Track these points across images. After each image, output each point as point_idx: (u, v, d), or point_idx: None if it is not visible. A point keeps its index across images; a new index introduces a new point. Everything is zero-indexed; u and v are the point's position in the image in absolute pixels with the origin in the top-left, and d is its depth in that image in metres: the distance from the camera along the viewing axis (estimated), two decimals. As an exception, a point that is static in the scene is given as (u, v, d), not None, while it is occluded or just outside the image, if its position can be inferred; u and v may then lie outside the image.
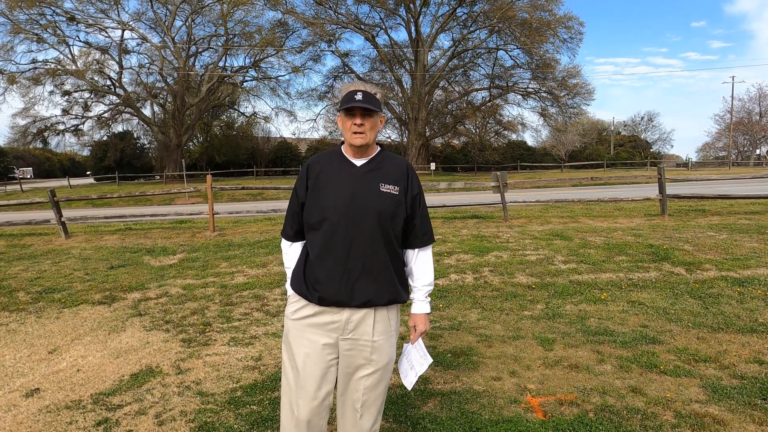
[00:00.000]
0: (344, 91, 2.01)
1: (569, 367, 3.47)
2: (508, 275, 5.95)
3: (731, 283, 5.36)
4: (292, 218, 2.11)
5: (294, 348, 2.05)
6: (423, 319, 2.13)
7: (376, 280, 1.98)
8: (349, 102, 1.92)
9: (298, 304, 2.06)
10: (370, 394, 2.06)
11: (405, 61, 39.23)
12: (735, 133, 56.88)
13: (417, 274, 2.12)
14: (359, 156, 2.03)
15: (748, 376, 3.25)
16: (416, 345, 2.18)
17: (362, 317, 2.00)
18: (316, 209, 1.99)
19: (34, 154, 55.62)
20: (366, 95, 1.94)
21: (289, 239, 2.15)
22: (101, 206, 21.70)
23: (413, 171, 2.10)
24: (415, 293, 2.13)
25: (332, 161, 2.05)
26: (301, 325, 2.04)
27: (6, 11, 30.03)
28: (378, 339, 2.02)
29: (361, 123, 1.94)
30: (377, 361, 2.03)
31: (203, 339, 4.27)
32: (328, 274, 1.97)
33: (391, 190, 1.99)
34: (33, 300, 5.66)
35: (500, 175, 10.50)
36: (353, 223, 1.94)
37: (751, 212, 10.26)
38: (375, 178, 2.00)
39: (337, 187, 1.98)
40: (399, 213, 2.00)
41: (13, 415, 3.05)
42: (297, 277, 2.07)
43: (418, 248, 2.10)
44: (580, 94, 37.20)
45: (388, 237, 1.99)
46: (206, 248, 8.19)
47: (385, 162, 2.05)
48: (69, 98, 35.56)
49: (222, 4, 32.90)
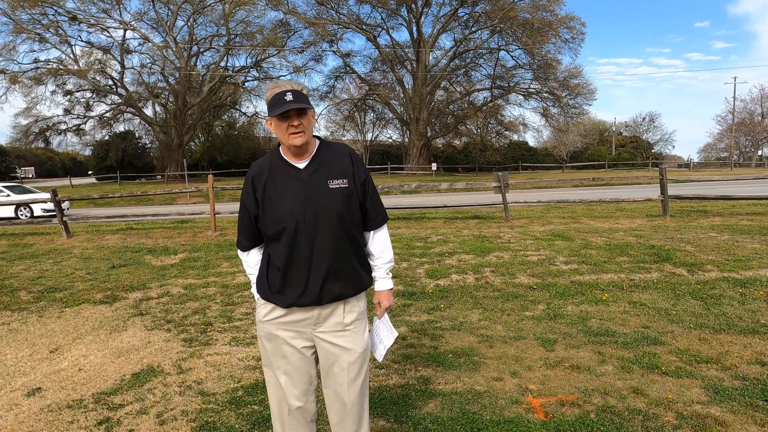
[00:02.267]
0: (269, 92, 1.95)
1: (570, 367, 3.47)
2: (509, 276, 5.95)
3: (733, 284, 5.35)
4: (245, 230, 2.10)
5: (270, 350, 2.09)
6: (387, 295, 2.20)
7: (342, 277, 2.01)
8: (282, 105, 1.87)
9: (267, 308, 2.07)
10: (353, 387, 2.08)
11: (406, 62, 39.22)
12: (737, 134, 56.78)
13: (376, 254, 2.16)
14: (300, 157, 1.99)
15: (750, 377, 3.24)
16: (383, 320, 2.25)
17: (332, 310, 2.04)
18: (272, 221, 1.97)
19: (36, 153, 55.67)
20: (296, 94, 1.90)
21: (245, 249, 2.15)
22: (103, 206, 21.73)
23: (356, 156, 2.08)
24: (377, 271, 2.18)
25: (275, 169, 2.01)
26: (273, 326, 2.06)
27: (8, 11, 30.09)
28: (351, 326, 2.06)
29: (299, 123, 1.91)
30: (353, 349, 2.06)
31: (204, 339, 4.27)
32: (294, 283, 1.98)
33: (340, 185, 1.98)
34: (35, 299, 5.67)
35: (501, 175, 10.49)
36: (312, 228, 1.94)
37: (753, 213, 10.24)
38: (322, 176, 1.97)
39: (288, 195, 1.96)
40: (353, 204, 2.01)
41: (14, 414, 3.06)
42: (261, 283, 2.08)
43: (372, 230, 2.14)
44: (581, 94, 37.14)
45: (348, 232, 2.00)
46: (207, 248, 8.20)
47: (327, 156, 2.02)
48: (71, 98, 35.62)
49: (224, 4, 32.92)
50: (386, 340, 2.23)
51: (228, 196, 23.01)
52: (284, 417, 2.13)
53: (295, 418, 2.11)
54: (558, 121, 39.55)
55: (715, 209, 11.06)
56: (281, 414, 2.14)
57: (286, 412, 2.12)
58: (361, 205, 2.06)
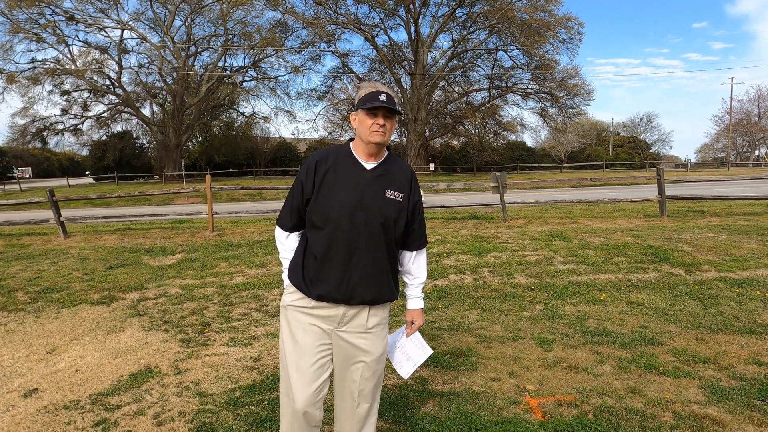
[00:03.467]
0: (365, 89, 2.02)
1: (568, 367, 3.47)
2: (507, 276, 5.95)
3: (730, 284, 5.36)
4: (293, 211, 2.11)
5: (293, 330, 2.10)
6: (420, 314, 2.27)
7: (375, 284, 2.04)
8: (374, 101, 1.95)
9: (296, 296, 2.10)
10: (366, 384, 2.13)
11: (404, 62, 39.24)
12: (734, 135, 56.94)
13: (414, 274, 2.22)
14: (370, 158, 2.05)
15: (747, 377, 3.25)
16: (412, 338, 2.29)
17: (357, 312, 2.07)
18: (322, 209, 2.00)
19: (33, 153, 55.56)
20: (389, 97, 1.98)
21: (287, 230, 2.15)
22: (100, 206, 21.68)
23: (416, 178, 2.15)
24: (412, 290, 2.24)
25: (341, 161, 2.05)
26: (299, 313, 2.09)
27: (5, 10, 30.00)
28: (372, 330, 2.10)
29: (384, 123, 1.97)
30: (372, 352, 2.10)
31: (202, 339, 4.26)
32: (329, 275, 2.01)
33: (396, 197, 2.04)
34: (31, 300, 5.65)
35: (499, 175, 10.50)
36: (358, 228, 1.97)
37: (750, 213, 10.27)
38: (382, 183, 2.03)
39: (346, 189, 1.99)
40: (401, 219, 2.06)
41: (11, 416, 3.05)
42: (295, 271, 2.09)
43: (415, 251, 2.19)
44: (579, 94, 37.24)
45: (389, 242, 2.05)
46: (205, 248, 8.19)
47: (392, 167, 2.08)
48: (68, 98, 35.54)
49: (221, 4, 32.90)
50: (416, 357, 2.25)
51: (226, 197, 22.97)
52: (289, 417, 2.12)
53: (299, 421, 2.11)
54: (556, 122, 39.62)
55: (712, 209, 11.09)
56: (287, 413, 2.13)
57: (290, 412, 2.11)
58: (408, 225, 2.10)
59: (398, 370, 2.27)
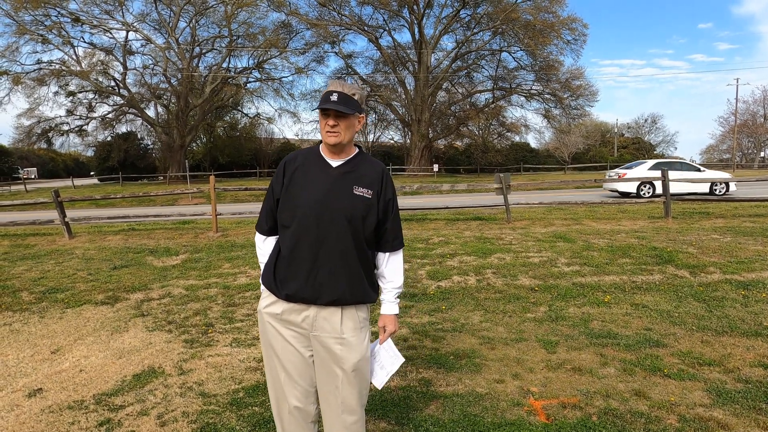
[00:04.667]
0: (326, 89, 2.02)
1: (572, 370, 3.46)
2: (511, 277, 5.94)
3: (735, 286, 5.33)
4: (267, 214, 2.12)
5: (270, 336, 2.08)
6: (392, 320, 2.15)
7: (344, 281, 1.99)
8: (324, 103, 1.93)
9: (269, 299, 2.08)
10: (348, 394, 2.05)
11: (408, 63, 39.25)
12: (739, 136, 56.66)
13: (388, 277, 2.14)
14: (335, 156, 2.03)
15: (753, 380, 3.23)
16: (384, 346, 2.18)
17: (329, 314, 2.01)
18: (289, 207, 2.00)
19: (38, 154, 55.86)
20: (341, 96, 1.93)
21: (263, 233, 2.16)
22: (105, 207, 21.77)
23: (389, 176, 2.11)
24: (385, 294, 2.15)
25: (309, 160, 2.06)
26: (274, 321, 2.07)
27: (11, 12, 30.18)
28: (347, 335, 2.02)
29: (335, 124, 1.95)
30: (348, 358, 2.02)
31: (206, 340, 4.27)
32: (296, 273, 1.99)
33: (364, 194, 2.00)
34: (36, 300, 5.67)
35: (503, 176, 10.48)
36: (324, 224, 1.95)
37: (755, 215, 10.22)
38: (349, 180, 2.01)
39: (311, 186, 1.99)
40: (370, 216, 2.01)
41: (15, 415, 3.06)
42: (267, 272, 2.09)
43: (388, 252, 2.12)
44: (583, 95, 37.14)
45: (358, 239, 2.00)
46: (209, 249, 8.20)
47: (361, 165, 2.06)
48: (73, 99, 35.72)
49: (226, 6, 32.98)
50: (389, 366, 2.16)
51: (230, 197, 23.02)
52: (283, 415, 2.13)
53: (294, 417, 2.11)
54: (560, 123, 39.53)
55: (717, 211, 11.04)
56: (280, 412, 2.13)
57: (286, 411, 2.11)
58: (380, 224, 2.06)
59: (372, 379, 2.17)
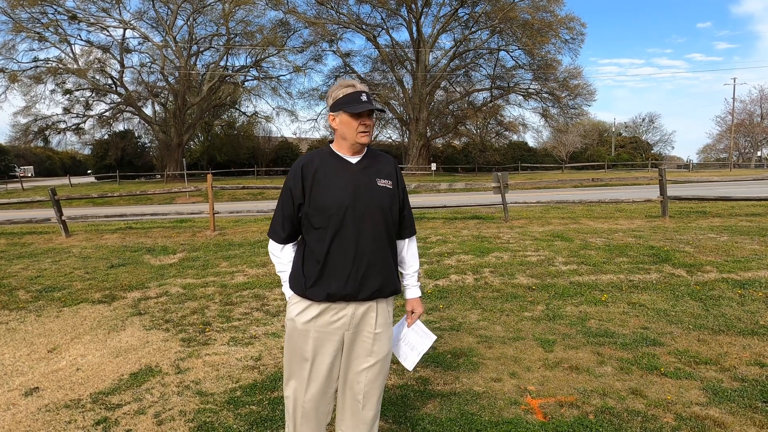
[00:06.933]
0: (342, 90, 2.00)
1: (569, 368, 3.46)
2: (508, 276, 5.95)
3: (732, 285, 5.35)
4: (285, 221, 2.08)
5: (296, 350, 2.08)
6: (419, 302, 2.28)
7: (381, 273, 2.04)
8: (357, 103, 1.95)
9: (301, 306, 2.06)
10: (371, 385, 2.12)
11: (406, 62, 39.21)
12: (736, 135, 56.82)
13: (409, 262, 2.24)
14: (354, 154, 2.06)
15: (749, 378, 3.24)
16: (414, 327, 2.29)
17: (366, 310, 2.07)
18: (319, 209, 1.99)
19: (35, 152, 55.64)
20: (369, 96, 2.00)
21: (280, 242, 2.12)
22: (102, 205, 21.71)
23: (398, 166, 2.20)
24: (409, 279, 2.26)
25: (326, 161, 2.05)
26: (307, 328, 2.05)
27: (8, 9, 30.05)
28: (379, 331, 2.10)
29: (369, 123, 2.00)
30: (378, 352, 2.10)
31: (203, 338, 4.26)
32: (334, 270, 1.99)
33: (387, 185, 2.07)
34: (33, 298, 5.66)
35: (501, 175, 10.49)
36: (359, 219, 1.99)
37: (752, 214, 10.25)
38: (371, 173, 2.06)
39: (339, 184, 2.00)
40: (395, 206, 2.10)
41: (12, 414, 3.05)
42: (296, 278, 2.07)
43: (407, 238, 2.22)
44: (581, 95, 37.20)
45: (389, 229, 2.08)
46: (206, 248, 8.19)
47: (377, 159, 2.13)
48: (70, 97, 35.59)
49: (224, 4, 32.90)
50: (420, 347, 2.25)
51: (227, 196, 22.99)
52: (297, 417, 2.12)
53: (309, 419, 2.11)
54: (557, 122, 39.60)
55: (714, 210, 11.07)
56: (295, 414, 2.13)
57: (300, 414, 2.11)
58: (400, 212, 2.15)
59: (403, 362, 2.26)
